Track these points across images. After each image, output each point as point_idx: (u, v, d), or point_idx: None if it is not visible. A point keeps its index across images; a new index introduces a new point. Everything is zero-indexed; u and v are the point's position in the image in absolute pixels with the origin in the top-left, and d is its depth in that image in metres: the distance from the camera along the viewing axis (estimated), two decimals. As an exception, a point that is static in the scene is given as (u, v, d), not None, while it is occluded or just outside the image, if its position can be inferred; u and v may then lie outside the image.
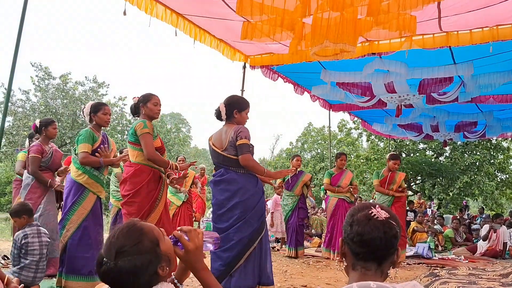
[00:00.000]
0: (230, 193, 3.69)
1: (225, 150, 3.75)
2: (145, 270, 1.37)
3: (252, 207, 3.66)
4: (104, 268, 1.37)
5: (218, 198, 3.77)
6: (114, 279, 1.36)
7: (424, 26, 5.65)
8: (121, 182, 4.04)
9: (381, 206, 1.34)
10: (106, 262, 1.36)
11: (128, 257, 1.35)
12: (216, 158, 3.85)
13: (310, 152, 29.70)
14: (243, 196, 3.66)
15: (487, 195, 19.40)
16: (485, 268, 5.72)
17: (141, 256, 1.37)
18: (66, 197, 4.24)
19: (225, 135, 3.81)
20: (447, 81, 7.16)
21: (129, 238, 1.39)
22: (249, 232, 3.61)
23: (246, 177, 3.74)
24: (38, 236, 3.81)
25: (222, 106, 3.91)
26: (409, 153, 20.95)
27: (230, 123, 3.88)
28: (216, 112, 3.98)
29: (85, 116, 4.45)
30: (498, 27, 5.65)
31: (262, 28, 5.08)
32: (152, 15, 5.19)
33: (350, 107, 10.16)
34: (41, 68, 21.19)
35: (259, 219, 3.69)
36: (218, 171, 3.84)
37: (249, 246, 3.60)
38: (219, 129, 3.97)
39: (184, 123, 45.85)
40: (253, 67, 7.60)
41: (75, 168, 4.23)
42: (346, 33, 4.60)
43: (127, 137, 4.06)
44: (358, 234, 1.30)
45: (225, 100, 3.97)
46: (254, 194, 3.71)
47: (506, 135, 12.14)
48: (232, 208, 3.66)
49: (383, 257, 1.31)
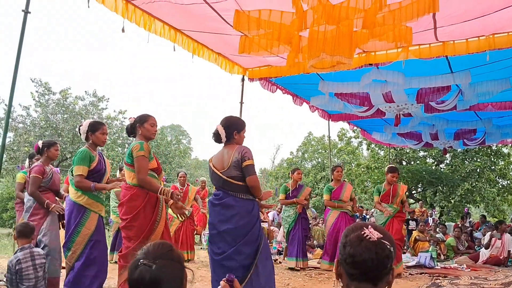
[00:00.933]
0: (224, 217, 3.69)
1: (226, 172, 3.72)
2: (174, 279, 1.48)
3: (243, 235, 3.64)
4: (140, 270, 1.45)
5: (213, 219, 3.79)
6: (148, 282, 1.42)
7: (420, 37, 5.69)
8: (119, 204, 4.01)
9: (374, 226, 1.34)
10: (144, 263, 1.45)
11: (166, 259, 1.48)
12: (216, 181, 3.82)
13: (311, 162, 29.73)
14: (237, 223, 3.65)
15: (489, 201, 19.35)
16: (487, 277, 5.70)
17: (173, 263, 1.50)
18: (68, 220, 4.22)
19: (227, 156, 3.79)
20: (445, 90, 7.19)
21: (164, 247, 1.55)
22: (240, 261, 3.58)
23: (243, 203, 3.72)
24: (31, 259, 3.77)
25: (220, 129, 3.87)
26: (410, 161, 20.96)
27: (230, 144, 3.88)
28: (215, 135, 3.93)
29: (81, 134, 4.41)
30: (494, 35, 5.68)
31: (260, 42, 5.13)
32: (150, 31, 5.25)
33: (349, 116, 10.18)
34: (41, 83, 21.32)
35: (250, 246, 3.65)
36: (217, 192, 3.84)
37: (246, 274, 3.56)
38: (219, 150, 3.95)
39: (184, 134, 45.91)
40: (251, 79, 7.65)
41: (74, 190, 4.22)
42: (342, 45, 4.64)
43: (125, 159, 4.02)
44: (350, 255, 1.31)
45: (222, 122, 3.94)
46: (248, 222, 3.69)
47: (506, 142, 12.14)
48: (222, 232, 3.67)
49: (377, 277, 1.31)
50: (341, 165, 7.77)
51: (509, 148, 19.94)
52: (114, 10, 4.75)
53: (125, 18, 4.87)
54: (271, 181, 29.78)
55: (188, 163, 35.13)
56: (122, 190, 4.01)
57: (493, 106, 8.44)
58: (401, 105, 7.80)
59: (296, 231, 7.24)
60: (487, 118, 9.59)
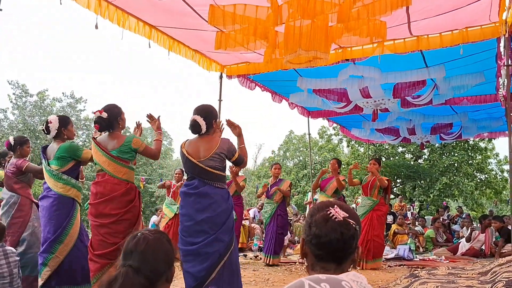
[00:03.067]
0: (201, 206, 3.64)
1: (204, 161, 3.68)
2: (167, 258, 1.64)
3: (221, 224, 3.64)
4: (139, 237, 1.63)
5: (188, 209, 3.70)
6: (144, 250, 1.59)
7: (394, 31, 5.76)
8: (106, 200, 3.80)
9: (339, 205, 1.34)
10: (144, 233, 1.66)
11: (164, 237, 1.71)
12: (191, 169, 3.76)
13: (293, 160, 29.84)
14: (214, 212, 3.63)
15: (467, 195, 19.70)
16: (464, 267, 5.80)
17: (167, 244, 1.69)
18: (57, 215, 4.07)
19: (206, 146, 3.74)
20: (420, 84, 7.30)
21: (159, 231, 1.79)
22: (218, 248, 3.58)
23: (220, 192, 3.71)
24: (5, 257, 3.70)
25: (199, 119, 3.77)
26: (389, 156, 21.21)
27: (209, 134, 3.83)
28: (194, 127, 3.80)
29: (51, 131, 4.28)
30: (468, 29, 5.78)
31: (236, 37, 5.12)
32: (124, 28, 5.20)
33: (328, 113, 10.25)
34: (18, 85, 20.99)
35: (228, 234, 3.67)
36: (192, 181, 3.76)
37: (220, 261, 3.57)
38: (194, 139, 3.88)
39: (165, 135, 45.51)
40: (229, 76, 7.64)
41: (62, 183, 4.14)
42: (318, 40, 4.66)
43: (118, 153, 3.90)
44: (316, 236, 1.30)
45: (198, 111, 3.83)
46: (224, 210, 3.69)
47: (482, 136, 12.36)
48: (200, 222, 3.62)
49: (342, 257, 1.30)
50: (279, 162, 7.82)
51: (486, 143, 20.34)
52: (87, 6, 4.68)
53: (98, 15, 4.81)
54: (254, 180, 29.78)
55: (170, 164, 34.87)
56: (107, 185, 3.83)
57: (469, 100, 8.59)
58: (378, 101, 7.89)
59: (271, 227, 7.18)
60: (462, 112, 9.76)
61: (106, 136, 4.02)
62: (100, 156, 3.92)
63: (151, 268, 1.58)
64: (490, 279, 3.98)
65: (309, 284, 0.99)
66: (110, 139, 3.98)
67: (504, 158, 21.04)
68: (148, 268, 1.58)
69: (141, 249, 1.59)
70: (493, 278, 3.97)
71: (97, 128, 3.98)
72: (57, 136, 4.32)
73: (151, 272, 1.58)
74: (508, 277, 3.62)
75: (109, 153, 3.89)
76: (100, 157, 3.91)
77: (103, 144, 3.95)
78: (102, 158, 3.90)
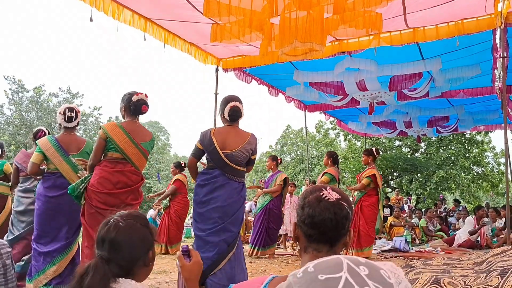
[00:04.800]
0: (214, 196, 3.69)
1: (230, 155, 3.71)
2: (140, 243, 1.56)
3: (231, 214, 3.69)
4: (110, 224, 1.54)
5: (200, 197, 3.74)
6: (114, 239, 1.51)
7: (390, 23, 5.76)
8: (128, 190, 3.66)
9: (332, 188, 1.35)
10: (115, 220, 1.55)
11: (138, 221, 1.60)
12: (215, 160, 3.74)
13: (290, 154, 29.86)
14: (225, 202, 3.67)
15: (464, 188, 19.77)
16: (459, 258, 5.83)
17: (146, 227, 1.60)
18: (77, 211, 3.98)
19: (236, 138, 3.77)
20: (417, 77, 7.30)
21: (136, 212, 1.67)
22: (225, 237, 3.64)
23: (235, 185, 3.75)
24: None
25: (240, 106, 3.84)
26: (386, 150, 21.25)
27: (237, 125, 3.88)
28: (237, 113, 3.82)
29: (74, 122, 4.22)
30: (464, 21, 5.78)
31: (231, 29, 5.11)
32: (119, 20, 5.18)
33: (325, 107, 10.26)
34: (14, 81, 20.90)
35: (237, 226, 3.73)
36: (212, 170, 3.76)
37: (229, 250, 3.63)
38: (224, 127, 3.87)
39: (162, 131, 45.46)
40: (226, 70, 7.62)
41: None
42: (314, 32, 4.65)
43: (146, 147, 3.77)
44: (309, 216, 1.31)
45: (236, 99, 3.86)
46: (236, 201, 3.73)
47: (478, 128, 12.37)
48: (211, 210, 3.66)
49: (335, 238, 1.31)
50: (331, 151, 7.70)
51: (482, 136, 20.38)
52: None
53: (93, 7, 4.79)
54: (251, 174, 29.80)
55: (167, 159, 34.83)
56: (132, 176, 3.69)
57: (465, 92, 8.60)
58: (374, 93, 7.89)
59: (259, 219, 7.12)
60: (459, 105, 9.77)
61: (133, 125, 3.74)
62: (130, 147, 3.65)
63: (123, 256, 1.52)
64: (485, 269, 4.00)
65: (347, 264, 0.98)
66: (138, 130, 3.75)
67: (500, 151, 21.11)
68: (120, 256, 1.51)
69: (112, 237, 1.52)
70: (488, 267, 4.00)
71: (145, 110, 3.76)
72: (73, 128, 4.25)
73: (124, 260, 1.52)
74: (502, 266, 3.64)
75: (141, 146, 3.71)
76: (131, 149, 3.65)
77: (132, 134, 3.67)
78: (132, 150, 3.65)
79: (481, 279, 3.62)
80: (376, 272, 1.00)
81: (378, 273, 1.00)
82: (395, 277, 1.00)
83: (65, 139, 4.15)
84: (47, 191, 4.03)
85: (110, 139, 3.60)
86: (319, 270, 1.00)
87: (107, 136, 3.60)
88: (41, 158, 4.06)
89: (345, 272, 0.96)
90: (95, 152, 3.65)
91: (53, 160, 4.03)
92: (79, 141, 4.20)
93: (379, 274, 0.99)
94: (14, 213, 4.62)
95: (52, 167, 4.06)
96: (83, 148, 4.17)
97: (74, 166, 4.05)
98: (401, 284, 0.97)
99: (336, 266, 1.00)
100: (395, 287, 0.95)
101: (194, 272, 1.60)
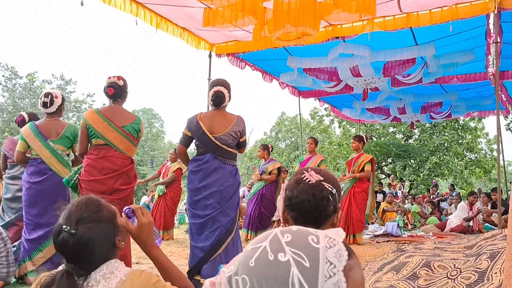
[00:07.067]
0: (209, 180, 3.66)
1: (220, 137, 3.68)
2: (104, 240, 1.40)
3: (228, 198, 3.67)
4: (62, 236, 1.36)
5: (196, 184, 3.70)
6: (72, 247, 1.35)
7: (384, 8, 5.73)
8: (116, 175, 3.58)
9: (316, 170, 1.35)
10: (65, 229, 1.35)
11: (89, 223, 1.38)
12: (205, 144, 3.71)
13: (285, 141, 29.90)
14: (221, 186, 3.65)
15: (457, 174, 19.89)
16: (450, 242, 5.88)
17: (100, 224, 1.40)
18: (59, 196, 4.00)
19: (223, 121, 3.75)
20: (410, 63, 7.29)
21: (88, 207, 1.43)
22: (225, 222, 3.63)
23: (229, 168, 3.73)
24: None
25: (224, 90, 3.78)
26: (380, 137, 21.32)
27: (223, 109, 3.84)
28: (220, 98, 3.77)
29: (54, 106, 4.15)
30: (457, 5, 5.75)
31: (224, 14, 5.07)
32: (110, 5, 5.12)
33: (319, 93, 10.24)
34: (7, 68, 20.80)
35: (234, 210, 3.72)
36: (202, 156, 3.73)
37: (227, 235, 3.62)
38: (210, 112, 3.85)
39: (156, 118, 45.29)
40: (219, 55, 7.57)
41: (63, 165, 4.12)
42: (307, 16, 4.63)
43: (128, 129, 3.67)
44: (288, 198, 1.33)
45: (220, 83, 3.81)
46: (232, 185, 3.72)
47: (472, 115, 12.41)
48: (208, 196, 3.64)
49: (318, 220, 1.31)
50: (316, 138, 7.67)
51: (475, 122, 20.46)
52: (72, -18, 4.60)
53: (83, -9, 4.73)
54: (246, 161, 29.84)
55: (162, 146, 34.76)
56: (117, 160, 3.60)
57: (458, 78, 8.62)
58: (368, 79, 7.88)
59: (252, 204, 7.14)
60: (452, 90, 9.79)
61: (111, 109, 3.69)
62: (110, 132, 3.58)
63: (90, 259, 1.37)
64: (475, 252, 4.04)
65: (275, 233, 0.94)
66: (117, 113, 3.68)
67: (493, 137, 21.21)
68: (86, 261, 1.37)
69: (69, 251, 1.36)
70: (478, 251, 4.04)
71: (110, 93, 3.65)
72: (54, 113, 4.21)
73: (93, 260, 1.38)
74: (492, 250, 3.68)
75: (122, 129, 3.63)
76: (110, 133, 3.58)
77: (111, 118, 3.61)
78: (112, 133, 3.58)
79: (470, 262, 3.65)
80: (300, 238, 0.92)
81: (304, 239, 0.91)
82: (327, 241, 0.91)
83: (45, 124, 4.14)
84: (30, 177, 4.04)
85: (89, 126, 3.59)
86: (251, 243, 0.98)
87: (87, 123, 3.59)
88: (25, 145, 4.07)
89: (268, 241, 0.93)
90: (80, 141, 3.65)
91: (33, 146, 4.04)
92: (58, 126, 4.16)
93: (304, 240, 0.91)
94: (4, 200, 4.62)
95: (34, 153, 4.08)
96: (62, 133, 4.12)
97: (53, 151, 4.04)
98: (332, 249, 0.89)
99: (265, 236, 0.96)
100: (323, 251, 0.88)
101: (144, 233, 1.55)
